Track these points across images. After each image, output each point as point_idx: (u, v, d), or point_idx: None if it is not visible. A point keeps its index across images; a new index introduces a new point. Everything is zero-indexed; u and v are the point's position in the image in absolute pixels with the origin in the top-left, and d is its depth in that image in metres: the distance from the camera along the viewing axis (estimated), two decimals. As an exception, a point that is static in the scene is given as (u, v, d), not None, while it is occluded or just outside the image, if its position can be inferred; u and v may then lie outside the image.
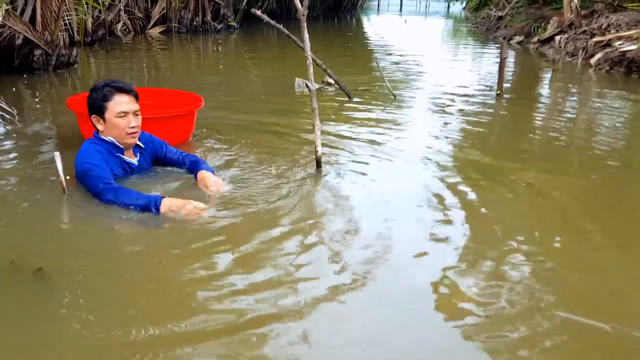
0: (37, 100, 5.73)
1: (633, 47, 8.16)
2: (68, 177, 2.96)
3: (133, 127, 2.97)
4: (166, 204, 2.74)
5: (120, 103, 2.94)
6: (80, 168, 2.94)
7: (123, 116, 2.94)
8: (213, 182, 3.02)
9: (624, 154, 4.26)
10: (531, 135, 4.80)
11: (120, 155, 3.05)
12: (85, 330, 1.88)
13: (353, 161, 3.74)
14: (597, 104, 6.26)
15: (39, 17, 6.76)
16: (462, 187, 3.34)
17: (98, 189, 2.83)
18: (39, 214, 2.78)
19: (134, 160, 3.14)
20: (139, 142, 3.16)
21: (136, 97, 3.02)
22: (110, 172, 2.93)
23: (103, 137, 3.00)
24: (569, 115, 5.72)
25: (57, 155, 2.92)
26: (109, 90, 2.94)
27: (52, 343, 1.84)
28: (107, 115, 2.95)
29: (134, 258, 2.43)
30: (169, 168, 3.38)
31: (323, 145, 3.56)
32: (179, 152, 3.34)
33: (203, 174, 3.08)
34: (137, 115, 3.00)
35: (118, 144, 3.01)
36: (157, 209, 2.73)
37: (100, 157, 2.92)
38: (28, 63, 6.81)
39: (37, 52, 6.83)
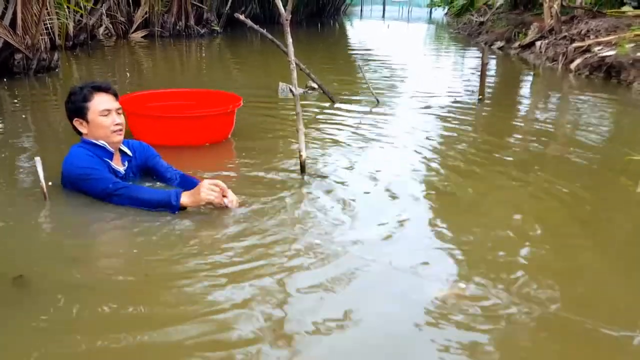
0: (17, 104, 5.66)
1: (612, 52, 8.29)
2: (50, 183, 2.92)
3: (118, 125, 2.93)
4: (186, 197, 2.75)
5: (101, 102, 2.90)
6: (76, 173, 2.87)
7: (106, 114, 2.90)
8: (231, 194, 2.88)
9: (603, 158, 4.32)
10: (513, 139, 4.85)
11: (109, 162, 2.99)
12: (66, 341, 1.86)
13: (337, 165, 3.74)
14: (577, 109, 6.34)
15: (19, 21, 6.69)
16: (445, 192, 3.36)
17: (108, 189, 2.79)
18: (20, 221, 2.74)
19: (121, 169, 3.06)
20: (126, 150, 3.13)
21: (115, 95, 2.98)
22: (110, 174, 2.89)
23: (92, 140, 2.96)
24: (549, 119, 5.79)
25: (38, 160, 2.89)
26: (88, 90, 2.91)
27: (31, 353, 1.81)
28: (90, 115, 2.91)
29: (119, 269, 2.37)
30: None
31: (307, 149, 3.56)
32: (170, 168, 3.23)
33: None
34: (120, 113, 2.97)
35: (109, 148, 2.96)
36: (177, 204, 2.74)
37: (93, 161, 2.88)
38: (8, 67, 6.74)
39: (18, 56, 6.76)
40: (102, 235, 2.69)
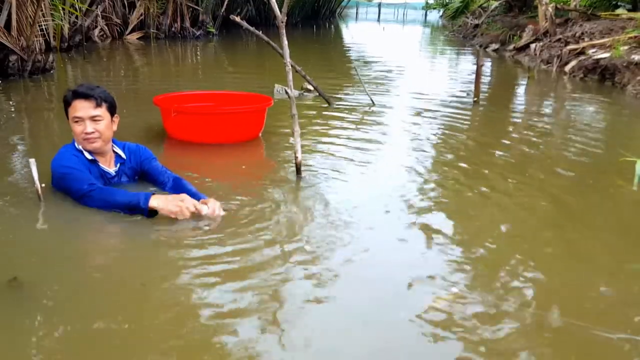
0: (12, 106, 5.64)
1: (606, 54, 8.33)
2: (43, 185, 2.91)
3: (87, 133, 2.88)
4: (155, 200, 2.70)
5: (76, 109, 2.88)
6: (58, 172, 2.88)
7: (77, 121, 2.88)
8: (214, 206, 2.81)
9: (598, 159, 4.34)
10: (507, 141, 4.87)
11: (98, 163, 2.98)
12: (59, 345, 1.84)
13: (333, 167, 3.74)
14: (571, 111, 6.37)
15: (14, 23, 6.67)
16: (439, 194, 3.37)
17: (82, 190, 2.77)
18: (14, 222, 2.72)
19: (112, 170, 3.06)
20: (119, 152, 3.12)
21: (99, 102, 2.90)
22: (91, 175, 2.87)
23: (76, 143, 2.97)
24: (544, 121, 5.81)
25: (32, 162, 2.88)
26: (69, 95, 2.91)
27: (24, 354, 1.80)
28: (69, 121, 2.92)
29: (114, 273, 2.35)
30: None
31: (303, 151, 3.56)
32: (164, 170, 3.20)
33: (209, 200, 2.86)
34: (97, 120, 2.90)
35: (86, 154, 2.94)
36: (146, 206, 2.68)
37: (77, 161, 2.88)
38: (3, 69, 6.71)
39: (13, 57, 6.74)
40: (97, 238, 2.67)
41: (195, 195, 2.92)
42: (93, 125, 2.89)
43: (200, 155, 3.97)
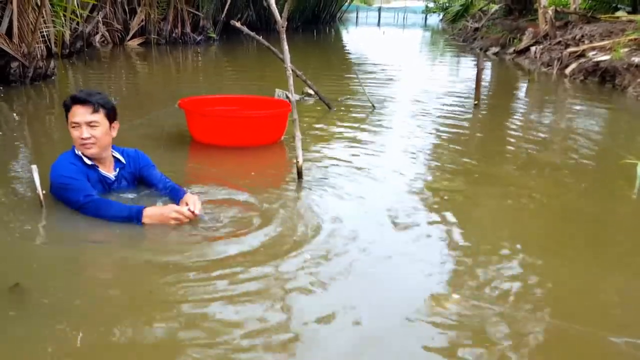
0: (14, 113, 5.65)
1: (606, 57, 8.34)
2: (45, 192, 2.91)
3: (83, 139, 2.88)
4: (148, 214, 2.74)
5: (74, 114, 2.88)
6: (56, 182, 2.88)
7: (74, 127, 2.88)
8: (192, 202, 2.88)
9: (599, 162, 4.34)
10: (508, 145, 4.87)
11: (98, 169, 2.99)
12: (60, 352, 1.83)
13: (334, 171, 3.75)
14: (572, 114, 6.37)
15: (15, 29, 6.68)
16: (440, 198, 3.37)
17: (79, 202, 2.79)
18: (16, 229, 2.72)
19: (111, 175, 3.06)
20: (119, 156, 3.13)
21: (96, 108, 2.88)
22: (89, 185, 2.89)
23: (75, 150, 2.97)
24: (544, 124, 5.82)
25: (34, 168, 2.88)
26: (68, 100, 2.92)
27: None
28: (68, 126, 2.93)
29: (117, 280, 2.34)
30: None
31: (304, 156, 3.56)
32: (163, 178, 3.19)
33: (187, 196, 2.94)
34: (93, 126, 2.89)
35: (85, 160, 2.94)
36: (139, 220, 2.73)
37: (76, 170, 2.88)
38: (5, 75, 6.72)
39: (14, 64, 6.75)
40: (100, 244, 2.66)
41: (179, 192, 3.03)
42: (89, 130, 2.88)
43: (205, 157, 3.99)
